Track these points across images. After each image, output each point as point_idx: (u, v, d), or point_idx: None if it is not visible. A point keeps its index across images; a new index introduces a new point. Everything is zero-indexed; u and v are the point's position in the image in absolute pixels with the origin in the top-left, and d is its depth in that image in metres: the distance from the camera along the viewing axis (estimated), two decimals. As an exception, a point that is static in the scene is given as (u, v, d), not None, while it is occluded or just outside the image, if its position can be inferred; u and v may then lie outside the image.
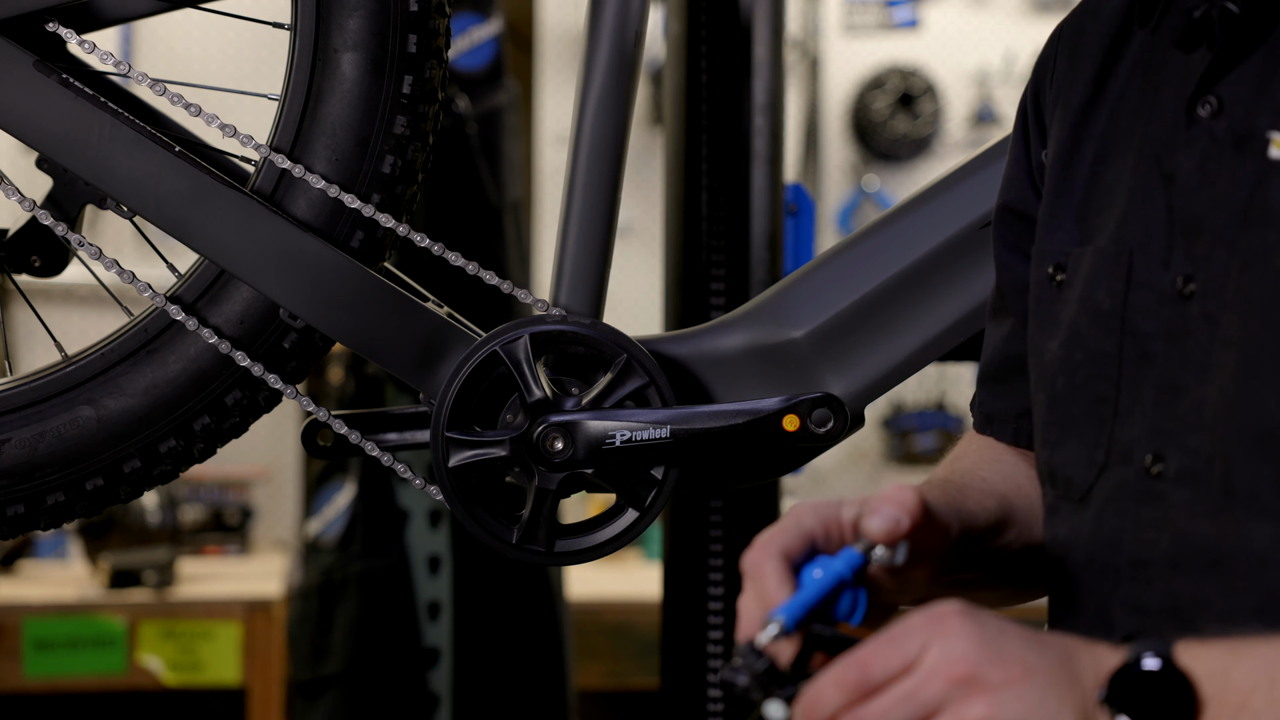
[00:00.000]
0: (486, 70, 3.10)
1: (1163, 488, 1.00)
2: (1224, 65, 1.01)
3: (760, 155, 1.92)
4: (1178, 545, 0.99)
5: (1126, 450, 1.03)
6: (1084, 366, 1.07)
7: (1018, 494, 1.18)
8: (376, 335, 1.37)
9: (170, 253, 1.48)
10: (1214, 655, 0.86)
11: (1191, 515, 0.98)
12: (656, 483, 1.37)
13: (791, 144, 4.19)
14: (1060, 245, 1.11)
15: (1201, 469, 0.98)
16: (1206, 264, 0.99)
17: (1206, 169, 1.00)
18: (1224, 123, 1.00)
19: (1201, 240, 1.00)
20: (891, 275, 1.42)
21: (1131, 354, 1.03)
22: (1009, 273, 1.21)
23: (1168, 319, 1.01)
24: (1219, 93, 1.01)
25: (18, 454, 1.36)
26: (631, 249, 3.91)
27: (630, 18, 1.40)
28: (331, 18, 1.34)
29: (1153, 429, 1.01)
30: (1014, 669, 0.86)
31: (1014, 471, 1.20)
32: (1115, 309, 1.05)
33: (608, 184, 1.40)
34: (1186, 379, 1.00)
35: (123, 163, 1.34)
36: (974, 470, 1.20)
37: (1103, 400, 1.05)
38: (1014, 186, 1.22)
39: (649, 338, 1.42)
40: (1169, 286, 1.01)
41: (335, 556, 3.04)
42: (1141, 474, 1.01)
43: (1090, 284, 1.07)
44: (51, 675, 3.16)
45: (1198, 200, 1.00)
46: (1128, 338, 1.04)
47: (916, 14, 4.30)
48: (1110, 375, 1.05)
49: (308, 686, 3.04)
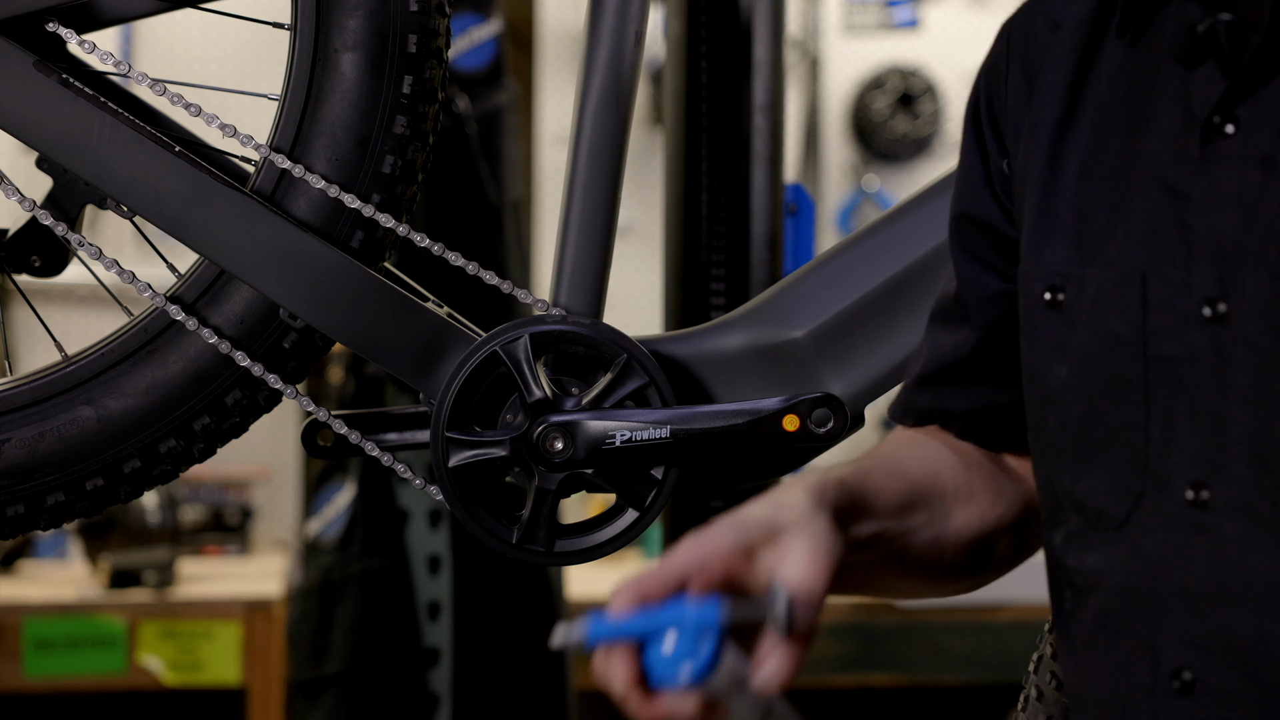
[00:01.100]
0: (486, 70, 3.10)
1: (1210, 518, 0.98)
2: (1248, 85, 0.99)
3: (760, 155, 1.92)
4: (1232, 577, 0.97)
5: (1164, 479, 1.01)
6: (1103, 395, 1.04)
7: (932, 480, 1.14)
8: (376, 335, 1.37)
9: (170, 253, 1.48)
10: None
11: (1248, 546, 0.97)
12: (656, 483, 1.37)
13: (791, 144, 4.19)
14: (1054, 266, 1.09)
15: (1253, 498, 0.96)
16: (1238, 289, 0.98)
17: (1229, 190, 0.99)
18: (1241, 141, 0.99)
19: (1229, 263, 0.98)
20: (892, 275, 1.42)
21: (1160, 379, 1.02)
22: (971, 283, 1.18)
23: (1197, 343, 1.00)
24: (1237, 113, 0.99)
25: (18, 454, 1.36)
26: (631, 249, 3.91)
27: (630, 18, 1.40)
28: (331, 18, 1.34)
29: (1193, 458, 1.00)
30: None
31: (935, 458, 1.17)
32: (1134, 334, 1.03)
33: (608, 184, 1.40)
34: (1228, 408, 0.98)
35: (123, 163, 1.34)
36: (891, 453, 1.18)
37: (1131, 427, 1.03)
38: (971, 196, 1.19)
39: (649, 338, 1.42)
40: (1194, 309, 1.00)
41: (335, 556, 3.04)
42: (1183, 504, 1.00)
43: (1098, 308, 1.05)
44: (51, 675, 3.15)
45: (1221, 222, 0.99)
46: (1153, 363, 1.02)
47: (916, 14, 4.30)
48: (1136, 401, 1.03)
49: (308, 686, 3.04)
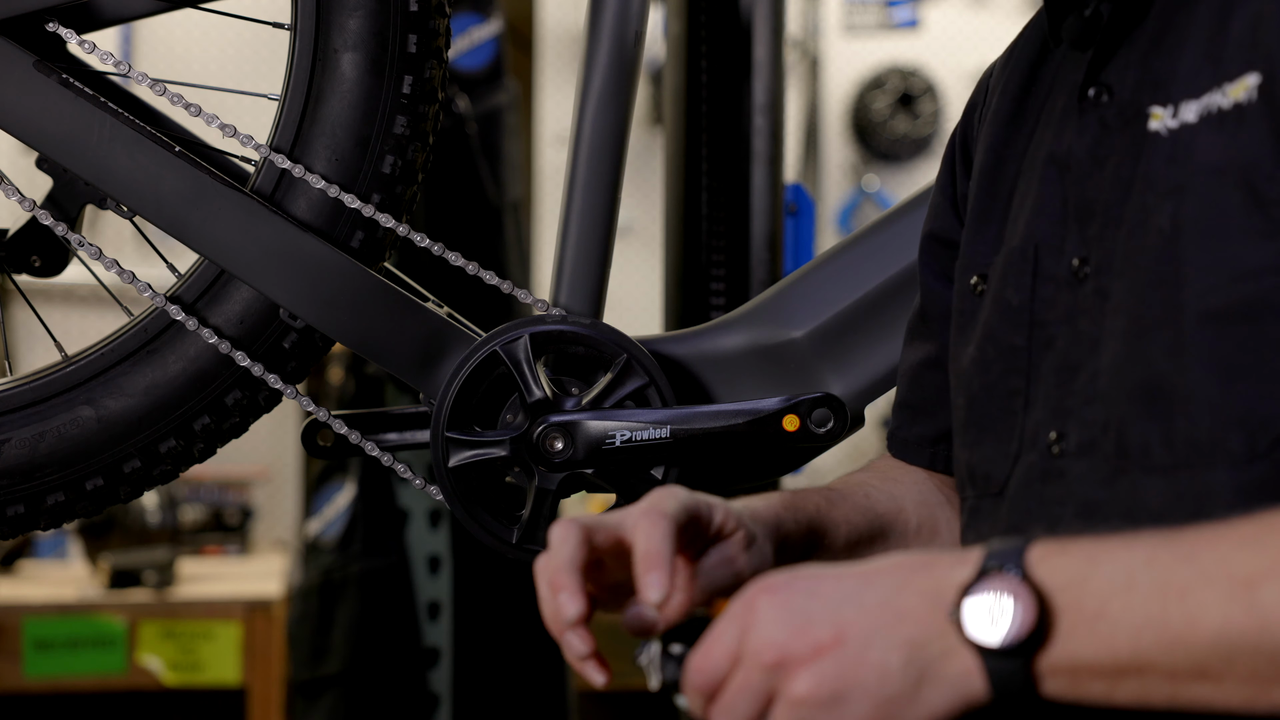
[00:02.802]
0: (486, 70, 3.10)
1: (1064, 464, 1.00)
2: (1107, 52, 1.03)
3: (760, 155, 1.92)
4: (1082, 516, 0.99)
5: (1034, 436, 1.04)
6: (997, 363, 1.08)
7: (897, 516, 1.20)
8: (376, 335, 1.37)
9: (170, 253, 1.48)
10: (1071, 563, 0.84)
11: (1090, 484, 0.98)
12: (656, 483, 1.37)
13: (791, 144, 4.19)
14: (983, 257, 1.13)
15: (1098, 437, 0.98)
16: (1099, 243, 1.00)
17: (1097, 153, 1.02)
18: (1113, 107, 1.02)
19: (1094, 221, 1.01)
20: (891, 275, 1.42)
21: (1039, 344, 1.04)
22: (934, 299, 1.24)
23: (1065, 303, 1.03)
24: (1106, 80, 1.03)
25: (18, 454, 1.36)
26: (631, 249, 3.91)
27: (630, 18, 1.40)
28: (331, 18, 1.34)
29: (1053, 409, 1.02)
30: (823, 634, 0.85)
31: (903, 494, 1.22)
32: (1024, 303, 1.06)
33: (608, 184, 1.40)
34: (1081, 355, 1.00)
35: (123, 163, 1.34)
36: (864, 483, 1.23)
37: (1015, 394, 1.06)
38: (939, 216, 1.25)
39: (649, 338, 1.42)
40: (1066, 271, 1.03)
41: (335, 556, 3.04)
42: (1045, 454, 1.02)
43: (1001, 283, 1.08)
44: (51, 675, 3.15)
45: (1091, 184, 1.02)
46: (1035, 329, 1.05)
47: (916, 14, 4.30)
48: (1021, 368, 1.06)
49: (308, 686, 3.04)
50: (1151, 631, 0.81)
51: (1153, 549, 0.83)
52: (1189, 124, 0.95)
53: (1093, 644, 0.82)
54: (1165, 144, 0.96)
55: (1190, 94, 0.95)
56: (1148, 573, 0.82)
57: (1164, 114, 0.97)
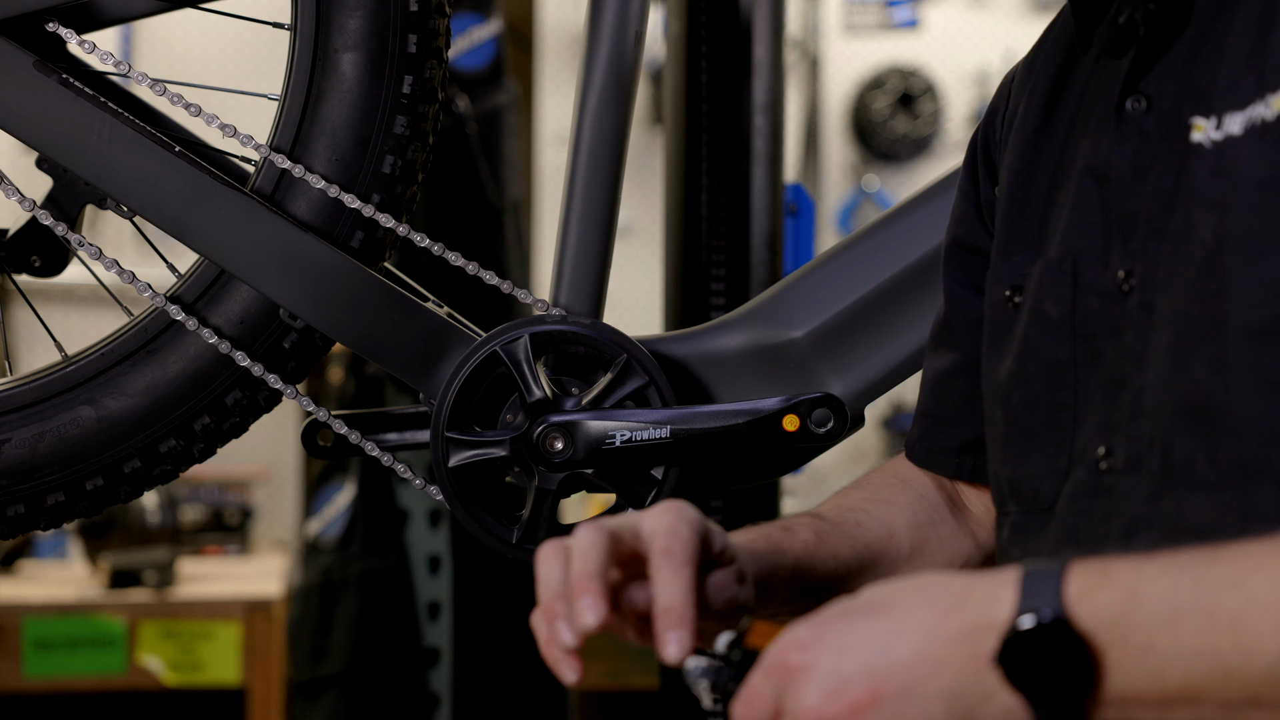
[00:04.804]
0: (486, 70, 3.10)
1: (1112, 480, 1.00)
2: (1147, 61, 1.02)
3: (760, 155, 1.92)
4: (1128, 534, 0.98)
5: (1083, 451, 1.03)
6: (1038, 377, 1.07)
7: (888, 543, 1.20)
8: (376, 335, 1.37)
9: (170, 253, 1.48)
10: (1114, 597, 0.82)
11: (1136, 501, 0.98)
12: (656, 483, 1.37)
13: (791, 144, 4.19)
14: (1018, 268, 1.11)
15: (1144, 453, 0.97)
16: (1142, 256, 0.99)
17: (1138, 165, 1.01)
18: (1153, 118, 1.01)
19: (1137, 234, 1.00)
20: (891, 275, 1.42)
21: (1085, 358, 1.03)
22: (959, 306, 1.22)
23: (1111, 316, 1.02)
24: (1145, 89, 1.01)
25: (18, 454, 1.36)
26: (631, 249, 3.91)
27: (630, 18, 1.40)
28: (331, 18, 1.34)
29: (1101, 424, 1.01)
30: (859, 694, 0.84)
31: (895, 518, 1.22)
32: (1065, 315, 1.05)
33: (608, 184, 1.40)
34: (1127, 369, 1.00)
35: (123, 163, 1.34)
36: (857, 509, 1.22)
37: (1061, 408, 1.05)
38: (963, 222, 1.23)
39: (649, 338, 1.42)
40: (1110, 284, 1.02)
41: (335, 556, 3.04)
42: (1094, 470, 1.01)
43: (1038, 295, 1.07)
44: (51, 675, 3.15)
45: (1133, 196, 1.01)
46: (1080, 343, 1.04)
47: (916, 14, 4.30)
48: (1067, 382, 1.05)
49: (308, 686, 3.04)
50: (1204, 665, 0.80)
51: (1198, 575, 0.82)
52: (1234, 136, 0.94)
53: (1142, 678, 0.81)
54: (1209, 156, 0.95)
55: (1233, 105, 0.95)
56: (1194, 601, 0.81)
57: (1207, 125, 0.96)
